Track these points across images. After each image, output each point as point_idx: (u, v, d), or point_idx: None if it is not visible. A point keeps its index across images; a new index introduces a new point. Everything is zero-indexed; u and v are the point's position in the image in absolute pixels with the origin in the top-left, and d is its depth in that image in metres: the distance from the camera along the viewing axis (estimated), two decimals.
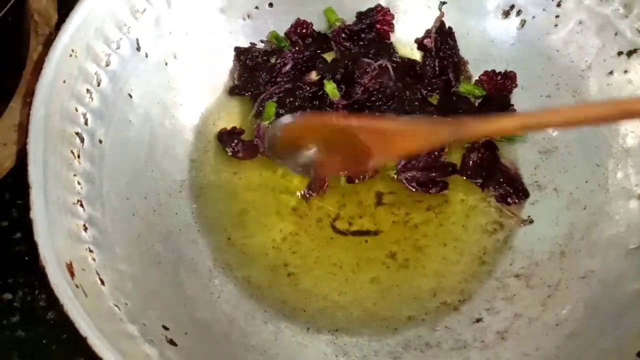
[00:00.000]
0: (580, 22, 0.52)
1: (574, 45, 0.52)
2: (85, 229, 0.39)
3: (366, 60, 0.53)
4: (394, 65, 0.53)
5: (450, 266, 0.50)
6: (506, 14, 0.55)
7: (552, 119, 0.38)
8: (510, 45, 0.55)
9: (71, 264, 0.35)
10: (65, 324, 0.44)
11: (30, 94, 0.50)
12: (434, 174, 0.51)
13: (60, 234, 0.36)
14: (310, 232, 0.51)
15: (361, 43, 0.55)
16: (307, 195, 0.51)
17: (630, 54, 0.49)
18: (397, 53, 0.55)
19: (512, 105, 0.54)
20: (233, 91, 0.54)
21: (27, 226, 0.46)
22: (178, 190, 0.50)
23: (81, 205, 0.40)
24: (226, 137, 0.52)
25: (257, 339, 0.45)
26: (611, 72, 0.51)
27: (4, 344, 0.47)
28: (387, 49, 0.55)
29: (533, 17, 0.54)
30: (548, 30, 0.53)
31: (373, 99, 0.52)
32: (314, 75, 0.54)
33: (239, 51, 0.55)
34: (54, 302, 0.44)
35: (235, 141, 0.52)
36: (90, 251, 0.38)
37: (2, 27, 0.41)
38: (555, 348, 0.43)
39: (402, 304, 0.48)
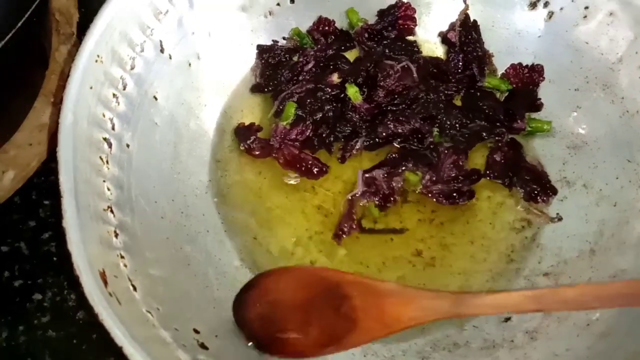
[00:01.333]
0: (610, 14, 0.50)
1: (604, 37, 0.51)
2: (116, 235, 0.39)
3: (389, 62, 0.53)
4: (417, 65, 0.53)
5: (477, 264, 0.49)
6: (533, 5, 0.54)
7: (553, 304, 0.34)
8: (537, 38, 0.54)
9: (104, 271, 0.36)
10: (95, 323, 0.45)
11: (55, 95, 0.51)
12: (460, 184, 0.50)
13: (93, 242, 0.37)
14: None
15: (384, 42, 0.54)
16: (337, 236, 0.49)
17: None
18: (421, 51, 0.54)
19: (540, 99, 0.53)
20: (255, 89, 0.54)
21: (55, 226, 0.47)
22: (204, 191, 0.50)
23: (111, 211, 0.40)
24: (243, 132, 0.51)
25: None
26: None
27: (36, 344, 0.47)
28: (411, 48, 0.54)
29: (561, 8, 0.53)
30: (577, 21, 0.52)
31: (396, 102, 0.52)
32: (335, 78, 0.53)
33: (261, 49, 0.54)
34: (83, 302, 0.45)
35: (252, 138, 0.51)
36: (122, 257, 0.39)
37: (26, 28, 0.41)
38: (586, 348, 0.43)
39: None
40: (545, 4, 0.53)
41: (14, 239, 0.51)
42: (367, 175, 0.50)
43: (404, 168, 0.51)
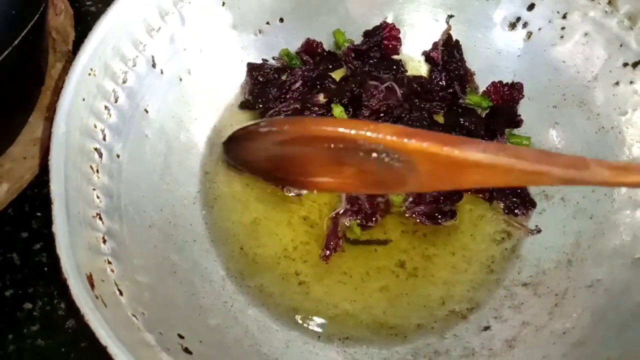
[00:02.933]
0: (586, 34, 0.53)
1: (580, 56, 0.53)
2: (104, 241, 0.41)
3: (373, 82, 0.54)
4: (400, 84, 0.54)
5: (458, 275, 0.51)
6: (512, 26, 0.56)
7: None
8: (517, 57, 0.56)
9: (91, 275, 0.37)
10: (84, 332, 0.45)
11: (49, 110, 0.52)
12: (441, 205, 0.51)
13: (81, 247, 0.38)
14: (320, 242, 0.52)
15: (370, 62, 0.56)
16: (325, 256, 0.50)
17: (635, 65, 0.50)
18: (406, 69, 0.56)
19: (519, 115, 0.55)
20: (244, 105, 0.55)
21: (46, 237, 0.49)
22: (192, 202, 0.52)
23: (100, 218, 0.42)
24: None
25: (269, 346, 0.46)
26: (617, 83, 0.51)
27: (25, 353, 0.48)
28: (396, 67, 0.56)
29: (539, 29, 0.55)
30: (554, 41, 0.54)
31: (380, 121, 0.53)
32: (321, 98, 0.55)
33: (251, 67, 0.56)
34: (72, 311, 0.46)
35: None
36: (109, 263, 0.40)
37: (23, 46, 0.43)
38: (562, 356, 0.44)
39: (411, 312, 0.49)
40: (524, 25, 0.55)
41: (6, 249, 0.52)
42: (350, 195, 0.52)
43: None
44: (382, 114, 0.54)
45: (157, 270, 0.45)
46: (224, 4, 0.54)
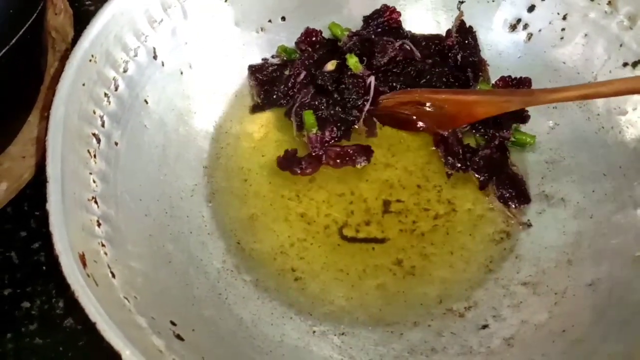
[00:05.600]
0: (585, 35, 0.53)
1: (580, 57, 0.53)
2: (99, 224, 0.40)
3: (385, 38, 0.55)
4: (415, 43, 0.55)
5: (456, 274, 0.50)
6: (513, 27, 0.56)
7: (604, 90, 0.45)
8: (518, 58, 0.57)
9: (84, 254, 0.36)
10: (82, 330, 0.46)
11: (47, 108, 0.52)
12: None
13: (75, 227, 0.38)
14: (318, 239, 0.51)
15: (374, 39, 0.56)
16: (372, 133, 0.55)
17: (635, 64, 0.50)
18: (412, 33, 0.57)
19: (527, 111, 0.55)
20: (255, 109, 0.56)
21: (45, 236, 0.48)
22: (190, 195, 0.51)
23: (95, 202, 0.41)
24: (287, 162, 0.53)
25: (263, 339, 0.45)
26: None
27: (23, 351, 0.48)
28: (404, 35, 0.56)
29: (539, 30, 0.55)
30: (554, 42, 0.55)
31: (401, 68, 0.55)
32: (330, 65, 0.55)
33: (253, 69, 0.56)
34: (71, 309, 0.47)
35: (300, 161, 0.53)
36: (103, 245, 0.40)
37: (21, 44, 0.43)
38: (561, 354, 0.43)
39: (408, 310, 0.49)
40: (525, 26, 0.56)
41: (5, 248, 0.52)
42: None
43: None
44: (400, 64, 0.55)
45: (151, 258, 0.44)
46: (226, 0, 0.54)
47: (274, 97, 0.56)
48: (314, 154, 0.53)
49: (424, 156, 0.55)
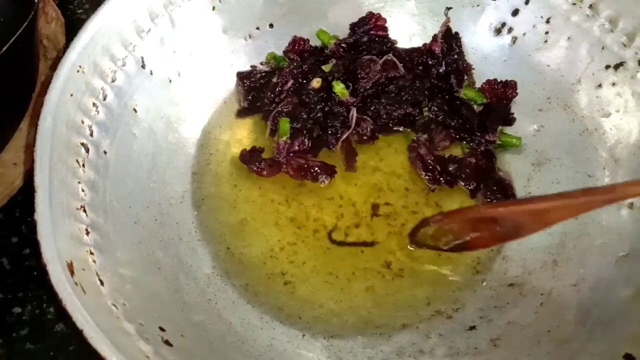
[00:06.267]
0: (568, 38, 0.53)
1: (564, 60, 0.54)
2: (88, 232, 0.41)
3: (367, 57, 0.56)
4: (398, 56, 0.55)
5: (444, 276, 0.50)
6: (498, 31, 0.57)
7: None
8: (503, 62, 0.57)
9: (71, 263, 0.37)
10: (72, 336, 0.47)
11: (37, 115, 0.53)
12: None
13: (62, 236, 0.38)
14: (307, 242, 0.52)
15: (361, 48, 0.57)
16: (352, 167, 0.54)
17: (617, 67, 0.51)
18: (396, 42, 0.58)
19: (513, 114, 0.55)
20: (241, 114, 0.56)
21: (36, 242, 0.48)
22: (179, 201, 0.52)
23: (84, 211, 0.42)
24: (249, 157, 0.54)
25: (253, 343, 0.46)
26: (600, 85, 0.52)
27: (14, 356, 0.48)
28: (387, 41, 0.57)
29: (524, 34, 0.56)
30: (538, 46, 0.55)
31: (386, 90, 0.55)
32: (315, 83, 0.55)
33: (241, 75, 0.57)
34: (61, 315, 0.46)
35: (260, 160, 0.53)
36: (91, 253, 0.40)
37: (12, 52, 0.43)
38: (547, 354, 0.44)
39: (397, 312, 0.49)
40: (509, 30, 0.56)
41: None
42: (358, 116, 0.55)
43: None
44: (384, 86, 0.55)
45: (141, 265, 0.45)
46: (214, 8, 0.55)
47: (260, 103, 0.57)
48: (275, 159, 0.54)
49: None
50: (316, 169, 0.54)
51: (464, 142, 0.55)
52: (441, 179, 0.53)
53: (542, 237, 0.51)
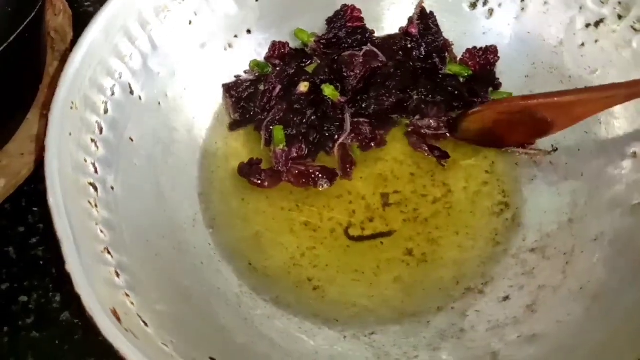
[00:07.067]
0: (545, 3, 0.55)
1: (543, 25, 0.55)
2: (118, 275, 0.39)
3: (348, 53, 0.55)
4: (377, 45, 0.56)
5: (466, 252, 0.51)
6: (473, 5, 0.58)
7: None
8: (482, 35, 0.58)
9: (115, 309, 0.35)
10: (78, 325, 0.48)
11: (46, 107, 0.53)
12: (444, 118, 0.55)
13: (98, 282, 0.36)
14: (326, 244, 0.51)
15: (340, 42, 0.57)
16: (347, 174, 0.54)
17: (597, 24, 0.52)
18: (373, 31, 0.58)
19: (498, 79, 0.56)
20: (233, 126, 0.55)
21: (42, 232, 0.52)
22: (192, 225, 0.50)
23: (108, 252, 0.40)
24: (247, 170, 0.52)
25: (299, 355, 0.45)
26: (583, 44, 0.53)
27: (20, 345, 0.48)
28: (362, 32, 0.57)
29: (499, 4, 0.57)
30: (516, 14, 0.56)
31: (372, 81, 0.55)
32: (302, 87, 0.55)
33: (227, 87, 0.56)
34: (67, 304, 0.49)
35: (260, 172, 0.52)
36: (127, 295, 0.38)
37: (19, 43, 0.43)
38: (585, 310, 0.45)
39: (429, 296, 0.49)
40: (485, 3, 0.57)
41: (3, 244, 0.52)
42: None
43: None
44: (371, 79, 0.54)
45: (173, 298, 0.43)
46: (190, 22, 0.53)
47: (252, 113, 0.55)
48: (275, 168, 0.53)
49: None
50: (317, 173, 0.53)
51: (459, 110, 0.56)
52: (447, 151, 0.54)
53: (553, 198, 0.52)
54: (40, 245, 0.52)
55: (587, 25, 0.53)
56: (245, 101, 0.55)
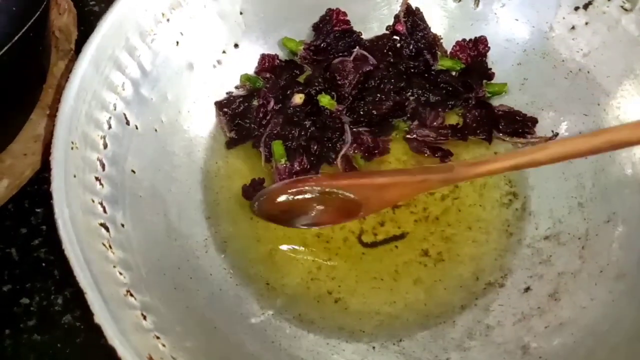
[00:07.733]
0: None
1: (531, 11, 0.55)
2: (144, 317, 0.38)
3: (337, 59, 0.54)
4: (366, 48, 0.55)
5: (481, 247, 0.51)
6: None
7: (540, 157, 0.41)
8: (470, 26, 0.58)
9: (151, 356, 0.34)
10: (80, 328, 0.48)
11: (50, 107, 0.53)
12: (445, 134, 0.54)
13: (129, 330, 0.35)
14: (341, 254, 0.51)
15: (329, 48, 0.56)
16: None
17: (586, 6, 0.53)
18: (361, 32, 0.57)
19: (490, 69, 0.56)
20: (230, 144, 0.54)
21: (45, 233, 0.51)
22: (204, 251, 0.49)
23: (131, 294, 0.39)
24: (251, 192, 0.51)
25: None
26: (573, 28, 0.54)
27: (21, 347, 0.48)
28: (350, 35, 0.56)
29: None
30: (502, 3, 0.56)
31: (367, 86, 0.54)
32: (297, 99, 0.54)
33: (219, 105, 0.54)
34: (69, 306, 0.49)
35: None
36: (157, 338, 0.37)
37: (24, 42, 0.43)
38: (608, 293, 0.45)
39: (451, 296, 0.49)
40: None
41: (5, 245, 0.51)
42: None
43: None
44: (364, 84, 0.54)
45: (199, 331, 0.42)
46: (177, 43, 0.52)
47: (247, 129, 0.54)
48: None
49: None
50: None
51: (456, 108, 0.55)
52: (449, 149, 0.54)
53: (559, 183, 0.52)
54: (43, 246, 0.51)
55: (576, 9, 0.53)
56: (240, 117, 0.54)
